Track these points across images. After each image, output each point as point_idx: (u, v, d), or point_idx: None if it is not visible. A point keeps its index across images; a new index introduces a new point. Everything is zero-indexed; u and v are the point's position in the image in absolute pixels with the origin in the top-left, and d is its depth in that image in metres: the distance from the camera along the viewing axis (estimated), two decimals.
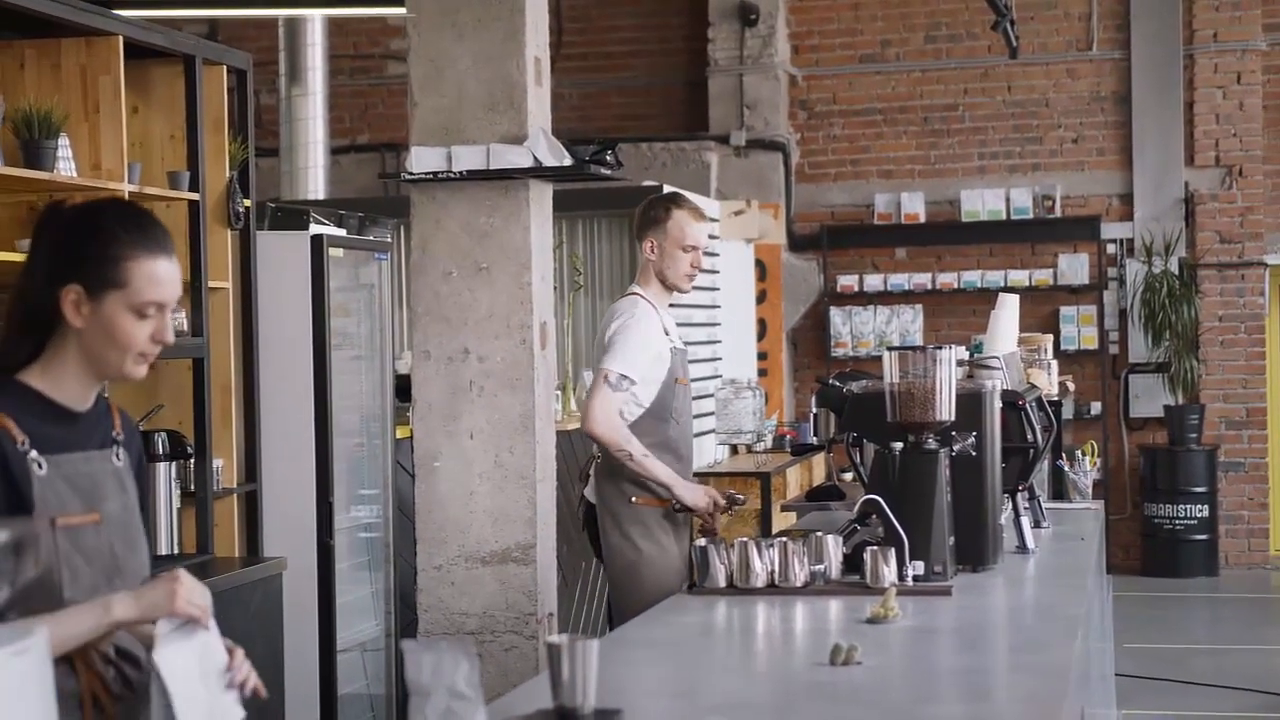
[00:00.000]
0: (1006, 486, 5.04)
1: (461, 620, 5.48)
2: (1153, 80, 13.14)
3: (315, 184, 11.47)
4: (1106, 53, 13.28)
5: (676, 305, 6.19)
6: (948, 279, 13.30)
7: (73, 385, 2.90)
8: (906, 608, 4.05)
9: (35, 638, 1.72)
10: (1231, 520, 13.07)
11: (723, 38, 13.53)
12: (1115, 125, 13.28)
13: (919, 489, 4.48)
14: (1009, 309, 6.12)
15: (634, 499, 5.61)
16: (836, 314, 13.45)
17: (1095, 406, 13.06)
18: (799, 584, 4.35)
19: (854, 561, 4.43)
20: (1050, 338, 7.42)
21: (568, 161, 5.42)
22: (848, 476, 7.69)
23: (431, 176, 5.45)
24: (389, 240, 7.89)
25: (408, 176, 5.49)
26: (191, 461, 6.19)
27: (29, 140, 5.46)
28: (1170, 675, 9.26)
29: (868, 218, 13.56)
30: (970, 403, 4.68)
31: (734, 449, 10.53)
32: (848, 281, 13.45)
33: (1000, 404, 4.89)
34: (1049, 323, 12.88)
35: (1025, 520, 5.21)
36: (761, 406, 10.50)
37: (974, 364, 5.57)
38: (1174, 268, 12.89)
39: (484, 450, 5.48)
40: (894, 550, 4.34)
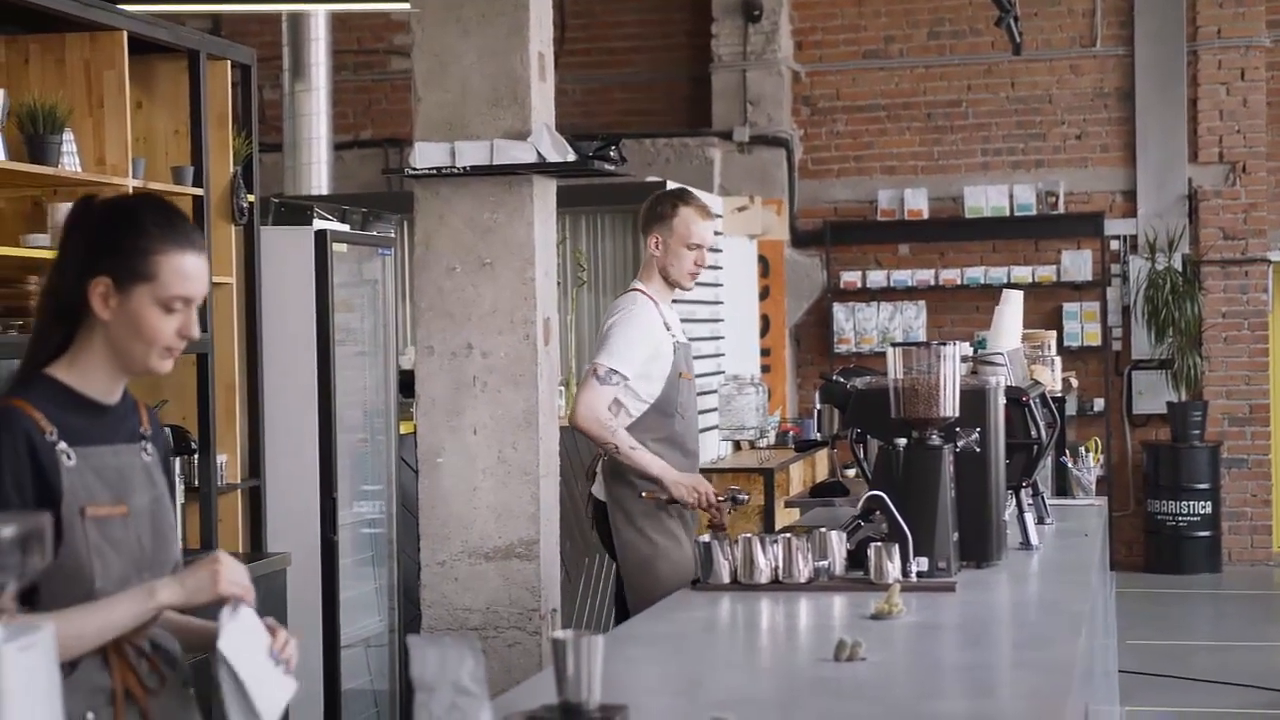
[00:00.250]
0: (1010, 483, 5.04)
1: (465, 616, 5.48)
2: (1156, 76, 13.13)
3: (319, 179, 11.47)
4: (1110, 49, 13.27)
5: (679, 301, 6.18)
6: (951, 275, 13.29)
7: (100, 378, 2.91)
8: (910, 604, 4.05)
9: (41, 633, 1.73)
10: (1234, 517, 13.07)
11: (726, 33, 13.52)
12: (1119, 121, 13.27)
13: (923, 485, 4.47)
14: (1013, 305, 6.12)
15: (643, 493, 5.60)
16: (839, 310, 13.45)
17: (1098, 403, 13.06)
18: (803, 580, 4.35)
19: (858, 557, 4.43)
20: (1053, 334, 7.42)
21: (571, 157, 5.40)
22: (850, 472, 7.69)
23: (435, 172, 5.43)
24: (392, 236, 7.90)
25: (411, 172, 5.48)
26: (195, 457, 6.20)
27: (33, 135, 5.45)
28: (1173, 672, 9.26)
29: (871, 214, 13.56)
30: (974, 399, 4.67)
31: (737, 445, 10.53)
32: (851, 278, 13.45)
33: (1004, 400, 4.90)
34: (1052, 319, 12.87)
35: (1029, 516, 5.21)
36: (764, 402, 10.51)
37: (978, 360, 5.57)
38: (1177, 264, 12.88)
39: (487, 446, 5.48)
40: (898, 546, 4.34)
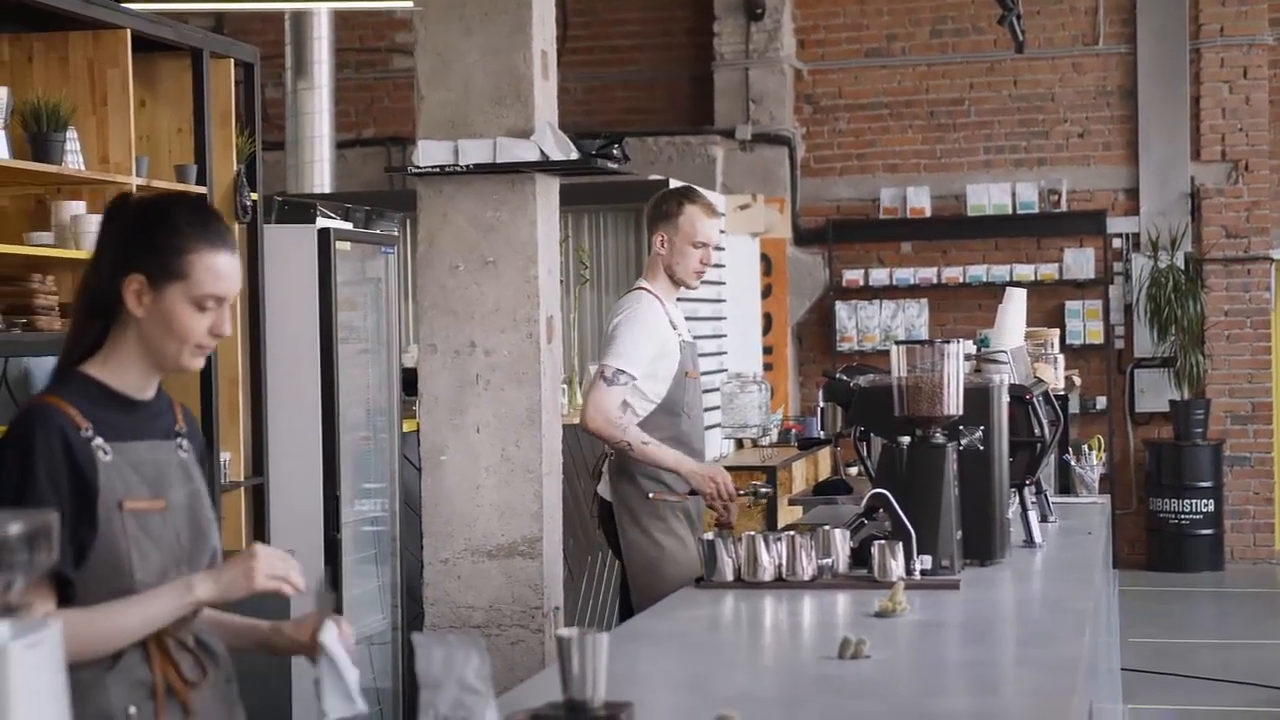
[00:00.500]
0: (1014, 481, 5.04)
1: (468, 614, 5.48)
2: (1159, 75, 13.13)
3: (321, 178, 11.47)
4: (1112, 47, 13.27)
5: (682, 299, 6.17)
6: (953, 273, 13.29)
7: (133, 375, 2.94)
8: (914, 601, 4.04)
9: (48, 630, 1.73)
10: (1237, 515, 13.07)
11: (728, 32, 13.52)
12: (1121, 120, 13.27)
13: (926, 483, 4.47)
14: (1016, 303, 6.12)
15: (650, 494, 5.57)
16: (842, 308, 13.45)
17: (1101, 401, 13.05)
18: (807, 578, 4.35)
19: (861, 555, 4.43)
20: (1056, 332, 7.42)
21: (574, 155, 5.40)
22: (852, 470, 7.69)
23: (438, 170, 5.43)
24: (395, 234, 7.89)
25: (414, 170, 5.48)
26: None
27: (37, 133, 5.46)
28: (1175, 670, 9.26)
29: (873, 212, 13.56)
30: (978, 397, 4.67)
31: (739, 443, 10.53)
32: (853, 276, 13.45)
33: (1008, 398, 4.89)
34: (1054, 317, 12.87)
35: (1032, 514, 5.20)
36: (767, 400, 10.50)
37: (981, 358, 5.56)
38: (1180, 262, 12.88)
39: (490, 444, 5.47)
40: (901, 544, 4.34)
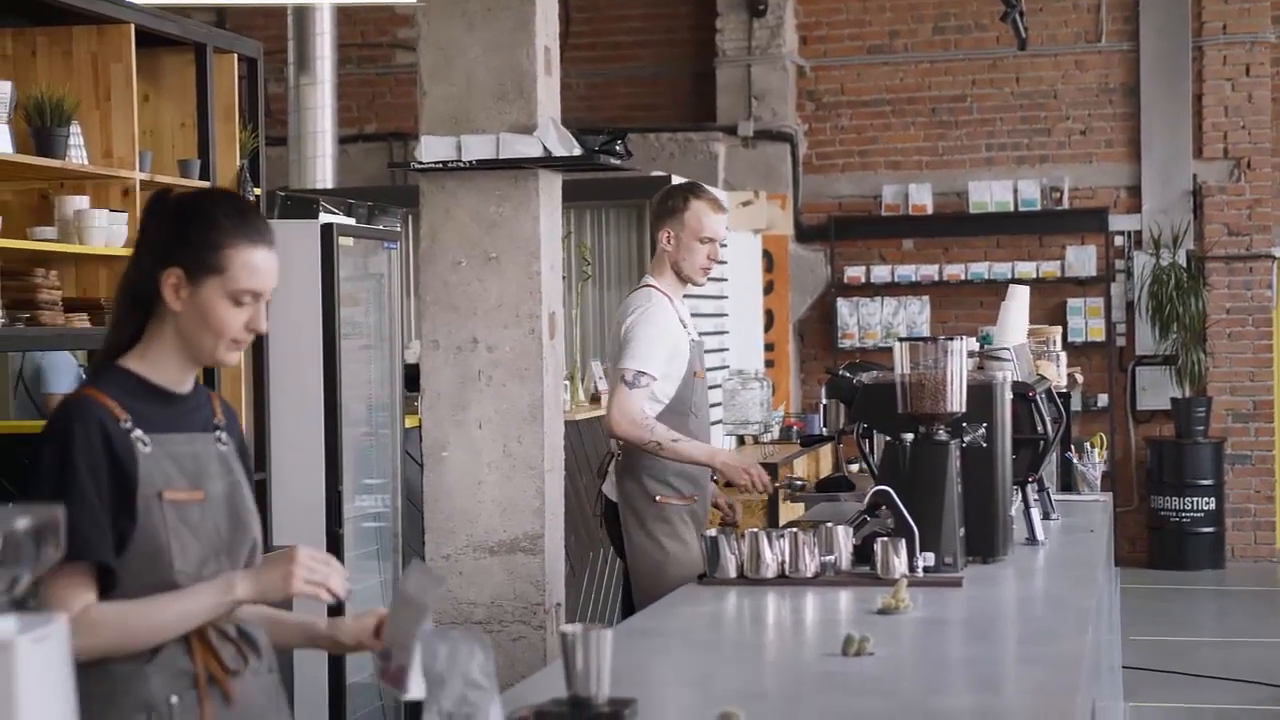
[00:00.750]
0: (1016, 478, 5.04)
1: (469, 610, 5.48)
2: (1161, 72, 13.12)
3: (323, 173, 11.47)
4: (1115, 44, 13.26)
5: (685, 296, 6.15)
6: (955, 270, 13.29)
7: (171, 368, 2.96)
8: (917, 599, 4.04)
9: (55, 625, 1.73)
10: (1238, 513, 13.06)
11: (730, 28, 13.52)
12: (1123, 117, 13.26)
13: (930, 480, 4.47)
14: (1019, 300, 6.11)
15: (658, 497, 5.49)
16: (843, 305, 13.44)
17: (1102, 399, 13.05)
18: (809, 575, 4.35)
19: (864, 552, 4.43)
20: (1059, 329, 7.42)
21: (577, 151, 5.40)
22: (854, 467, 7.69)
23: (441, 166, 5.44)
24: (398, 229, 7.89)
25: (417, 166, 5.48)
26: None
27: (41, 128, 5.46)
28: (1176, 668, 9.26)
29: (875, 209, 13.56)
30: (981, 394, 4.67)
31: (741, 440, 10.53)
32: (855, 272, 13.45)
33: (1011, 395, 4.89)
34: (1056, 315, 12.87)
35: (1035, 512, 5.21)
36: (769, 397, 10.51)
37: (984, 355, 5.56)
38: (1182, 260, 12.87)
39: (492, 440, 5.48)
40: (904, 541, 4.34)
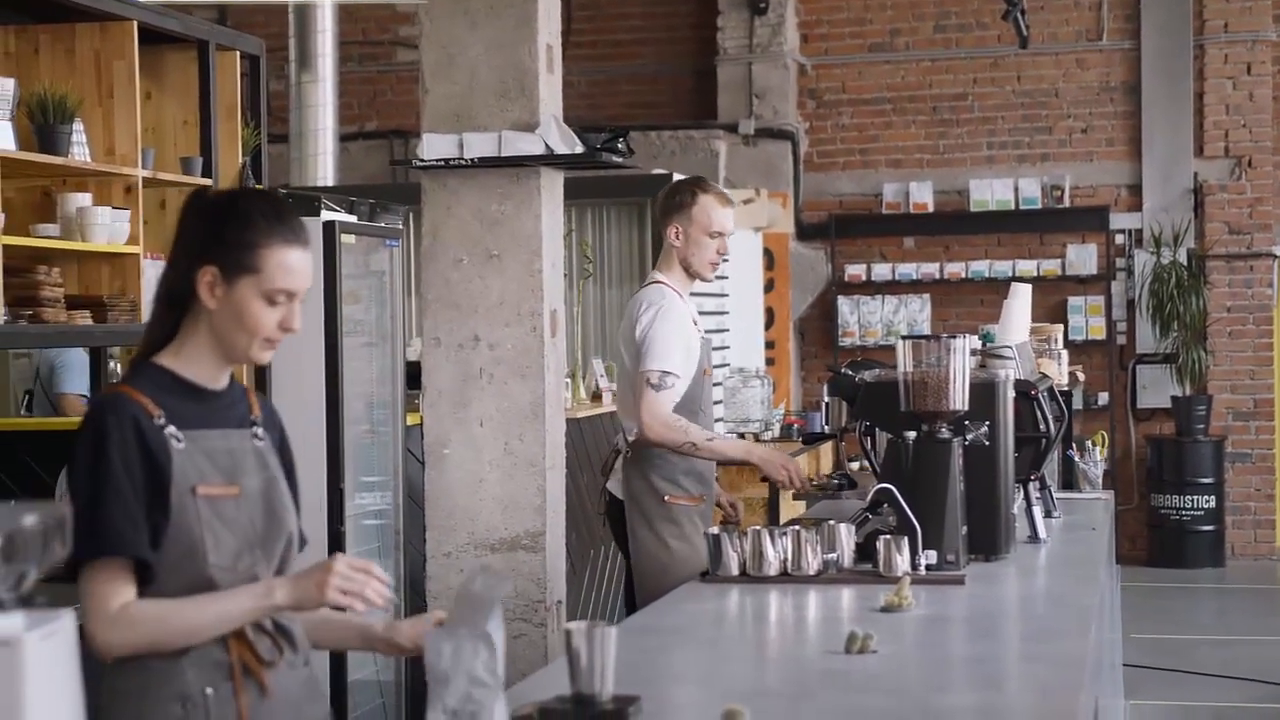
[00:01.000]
0: (1018, 476, 5.04)
1: None
2: (1162, 71, 13.12)
3: (325, 170, 11.46)
4: (1116, 43, 13.26)
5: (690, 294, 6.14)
6: (955, 269, 13.29)
7: (205, 365, 2.99)
8: (919, 596, 4.04)
9: (62, 621, 1.74)
10: (1238, 511, 13.07)
11: (732, 26, 13.51)
12: (1124, 116, 13.26)
13: (932, 478, 4.47)
14: (1021, 299, 6.11)
15: (666, 497, 5.45)
16: (844, 303, 13.44)
17: (1103, 397, 13.05)
18: (812, 572, 4.35)
19: (866, 550, 4.43)
20: (1060, 328, 7.42)
21: (579, 149, 5.40)
22: (854, 465, 7.68)
23: (443, 163, 5.43)
24: (400, 227, 7.87)
25: (419, 163, 5.48)
26: None
27: (44, 125, 5.46)
28: (1176, 666, 9.26)
29: (876, 207, 13.56)
30: (984, 392, 4.67)
31: (741, 437, 10.52)
32: (855, 271, 13.44)
33: (1013, 393, 4.89)
34: (1057, 313, 12.86)
35: (1037, 510, 5.20)
36: (769, 395, 10.50)
37: (986, 353, 5.55)
38: (1182, 258, 12.87)
39: (494, 438, 5.48)
40: (907, 539, 4.34)
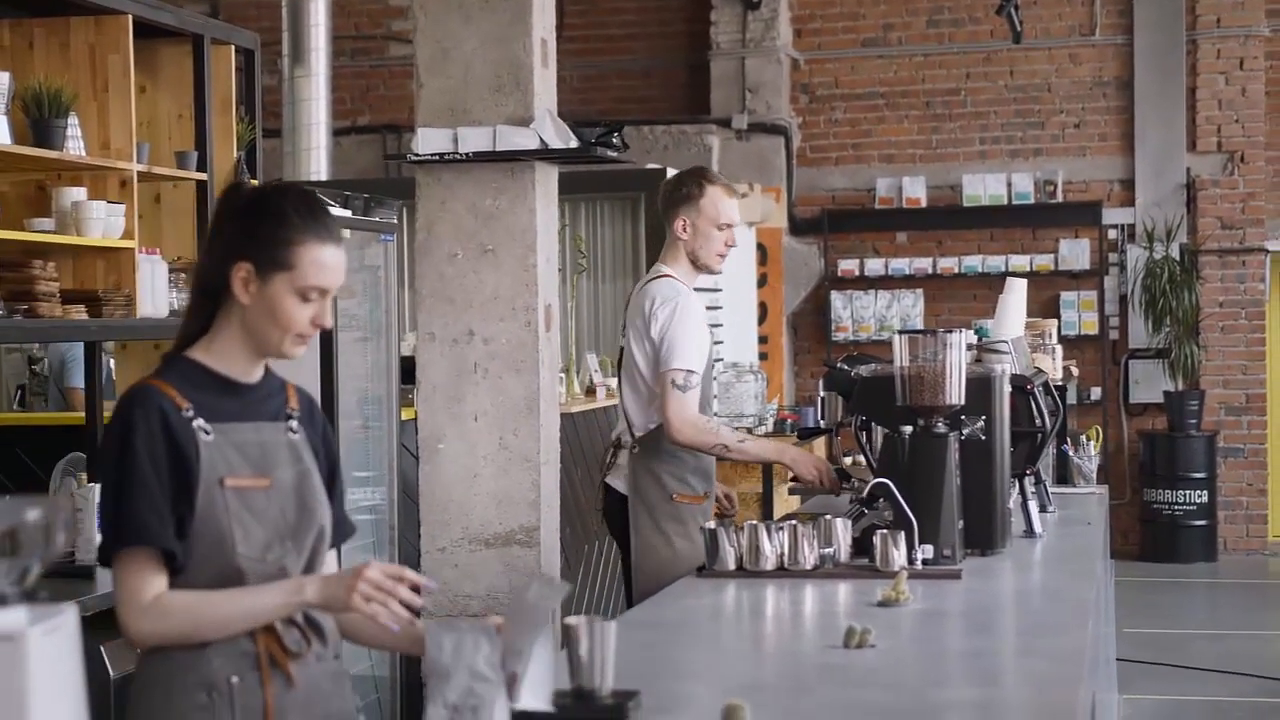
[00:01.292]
0: (1014, 471, 5.04)
1: (465, 603, 5.47)
2: (1155, 65, 13.13)
3: (318, 165, 11.44)
4: (1109, 38, 13.27)
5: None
6: (948, 264, 13.30)
7: (238, 359, 3.02)
8: (916, 591, 4.04)
9: (65, 616, 1.73)
10: (1230, 506, 13.09)
11: (725, 21, 13.51)
12: (1117, 110, 13.27)
13: (928, 473, 4.47)
14: (1017, 293, 6.11)
15: (675, 495, 5.40)
16: (837, 298, 13.45)
17: (1095, 392, 13.07)
18: (808, 567, 4.35)
19: (863, 545, 4.43)
20: (1054, 323, 7.43)
21: (574, 144, 5.38)
22: (847, 460, 7.68)
23: (437, 158, 5.42)
24: (394, 221, 7.86)
25: (413, 158, 5.47)
26: None
27: (38, 119, 5.44)
28: (1169, 660, 9.27)
29: (869, 202, 13.56)
30: (980, 387, 4.67)
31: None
32: (848, 265, 13.44)
33: (1009, 388, 4.89)
34: (1050, 308, 12.87)
35: (1032, 505, 5.21)
36: (763, 390, 10.50)
37: (982, 348, 5.56)
38: (1175, 253, 12.89)
39: (488, 432, 5.47)
40: (903, 534, 4.34)
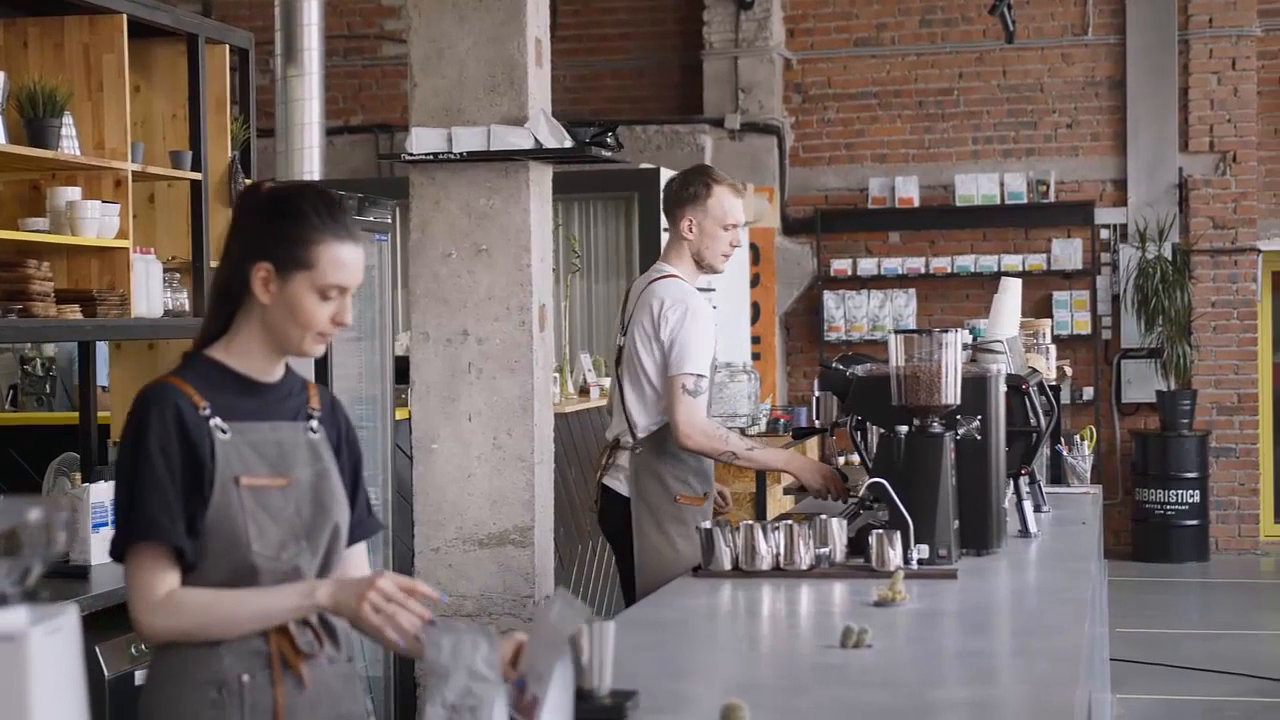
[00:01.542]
0: (1009, 470, 5.04)
1: (459, 603, 5.48)
2: (1148, 65, 13.14)
3: (311, 165, 11.40)
4: (1102, 38, 13.28)
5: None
6: (941, 263, 13.30)
7: (257, 358, 3.03)
8: (912, 590, 4.04)
9: (66, 617, 1.73)
10: (1222, 506, 13.10)
11: (718, 21, 13.51)
12: (1110, 110, 13.28)
13: (924, 473, 4.47)
14: (1011, 293, 6.10)
15: (678, 496, 5.35)
16: (830, 298, 13.45)
17: (1088, 391, 13.08)
18: (804, 567, 4.35)
19: (858, 545, 4.43)
20: (1048, 322, 7.42)
21: (568, 143, 5.39)
22: (842, 460, 7.68)
23: (431, 157, 5.43)
24: (388, 221, 7.86)
25: (408, 157, 5.47)
26: None
27: (32, 118, 5.43)
28: (1162, 660, 9.28)
29: (862, 202, 13.56)
30: (975, 386, 4.67)
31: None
32: (841, 265, 13.45)
33: (1005, 388, 4.89)
34: (1042, 308, 12.88)
35: (1027, 504, 5.21)
36: (756, 390, 10.50)
37: (978, 348, 5.56)
38: (1167, 253, 12.89)
39: (482, 432, 5.47)
40: (899, 533, 4.34)
